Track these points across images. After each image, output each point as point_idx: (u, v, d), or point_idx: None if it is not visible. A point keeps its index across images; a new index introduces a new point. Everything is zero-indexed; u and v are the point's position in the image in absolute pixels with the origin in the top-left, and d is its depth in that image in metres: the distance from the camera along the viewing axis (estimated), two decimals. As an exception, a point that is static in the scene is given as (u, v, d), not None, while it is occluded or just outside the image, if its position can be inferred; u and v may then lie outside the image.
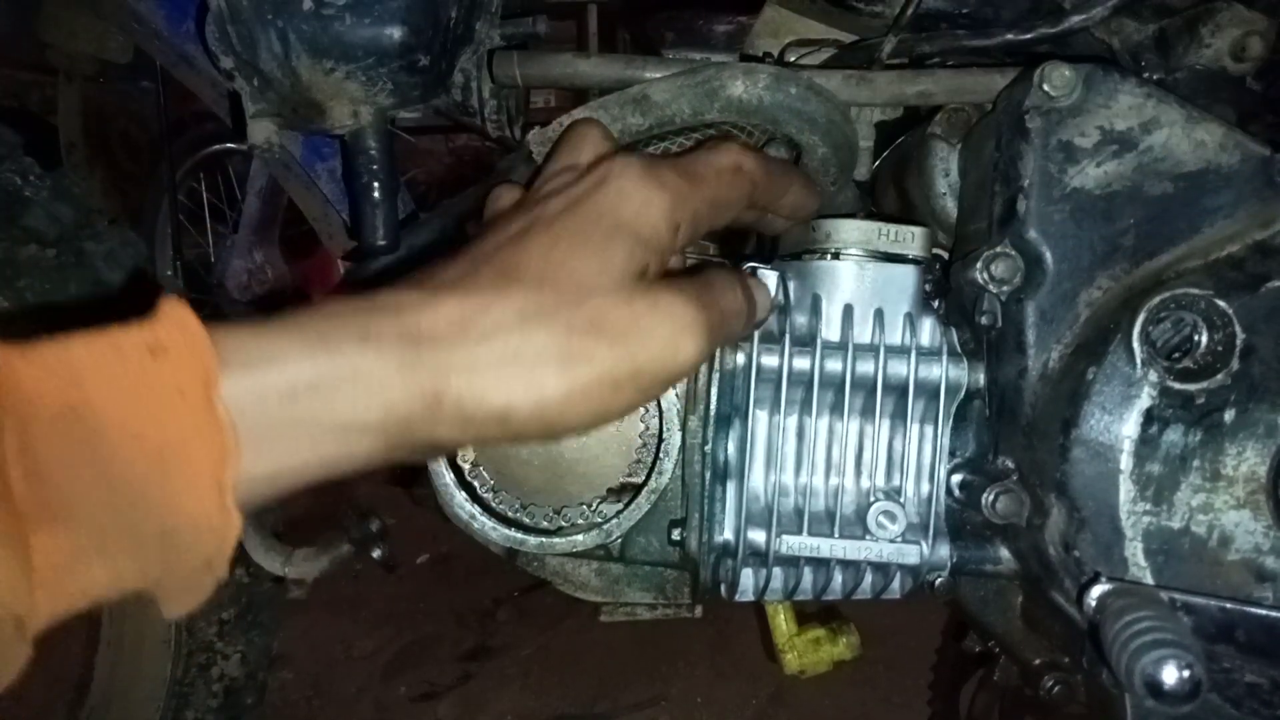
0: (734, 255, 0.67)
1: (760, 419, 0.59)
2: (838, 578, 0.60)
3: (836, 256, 0.58)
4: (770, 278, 0.58)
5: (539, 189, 0.47)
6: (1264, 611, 0.50)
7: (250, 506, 0.35)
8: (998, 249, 0.55)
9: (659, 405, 0.58)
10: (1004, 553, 0.59)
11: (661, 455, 0.58)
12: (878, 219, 0.60)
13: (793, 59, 0.71)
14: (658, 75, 0.62)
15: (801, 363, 0.57)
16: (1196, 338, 0.51)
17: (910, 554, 0.56)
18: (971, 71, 0.62)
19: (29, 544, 0.29)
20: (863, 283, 0.58)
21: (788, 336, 0.57)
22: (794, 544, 0.57)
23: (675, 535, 0.60)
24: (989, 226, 0.58)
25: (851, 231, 0.57)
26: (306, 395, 0.35)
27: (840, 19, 0.71)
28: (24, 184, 0.72)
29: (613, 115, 0.61)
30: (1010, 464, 0.57)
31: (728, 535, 0.59)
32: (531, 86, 0.70)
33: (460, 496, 0.58)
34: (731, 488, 0.59)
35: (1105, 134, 0.55)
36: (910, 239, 0.58)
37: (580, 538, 0.59)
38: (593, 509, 0.59)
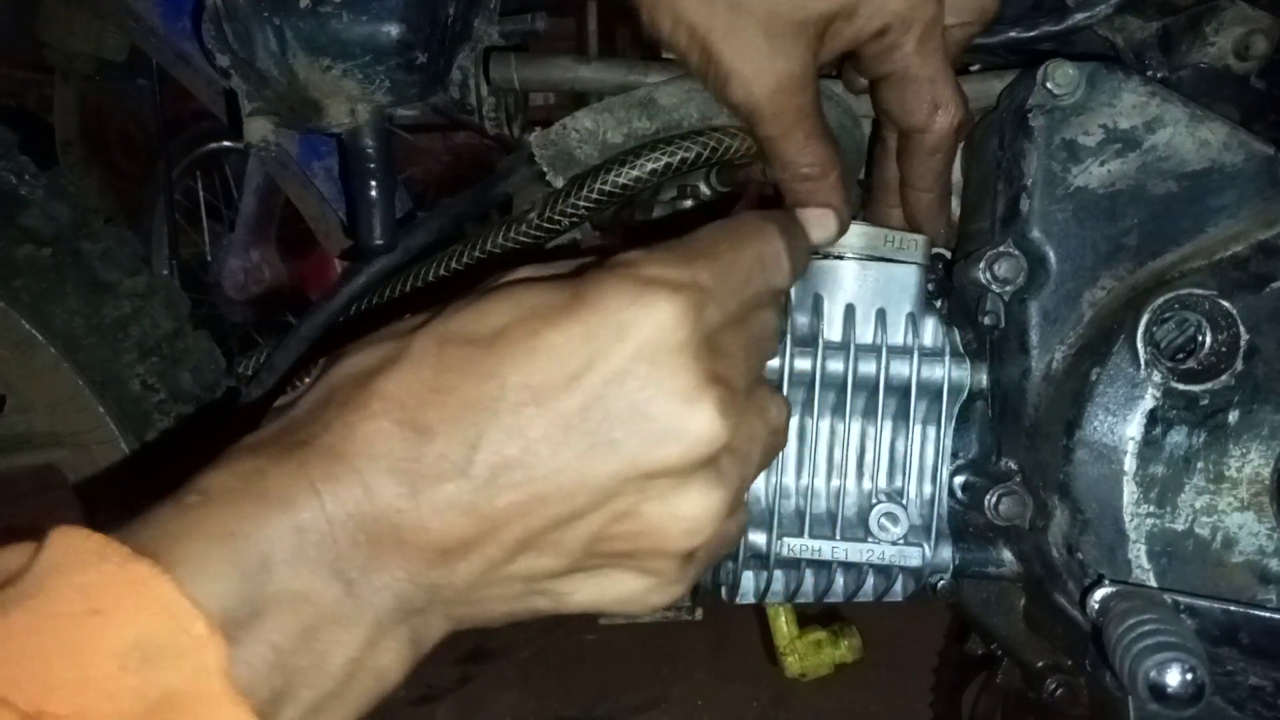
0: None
1: (761, 420, 0.58)
2: (839, 580, 0.59)
3: (840, 257, 0.58)
4: None
5: None
6: (1268, 614, 0.50)
7: None
8: (1001, 248, 0.54)
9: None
10: (1007, 555, 0.59)
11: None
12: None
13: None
14: (661, 79, 0.62)
15: (803, 363, 0.56)
16: (1200, 338, 0.50)
17: (912, 556, 0.56)
18: (970, 78, 0.62)
19: None
20: (865, 283, 0.58)
21: (789, 337, 0.56)
22: (795, 546, 0.56)
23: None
24: (992, 226, 0.57)
25: (858, 236, 0.57)
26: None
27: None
28: (20, 183, 0.72)
29: (618, 119, 0.61)
30: (1013, 465, 0.56)
31: (728, 537, 0.58)
32: (530, 90, 0.70)
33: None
34: (732, 489, 0.59)
35: (1109, 132, 0.54)
36: (914, 246, 0.58)
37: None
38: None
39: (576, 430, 0.35)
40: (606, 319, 0.36)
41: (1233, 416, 0.50)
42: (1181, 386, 0.50)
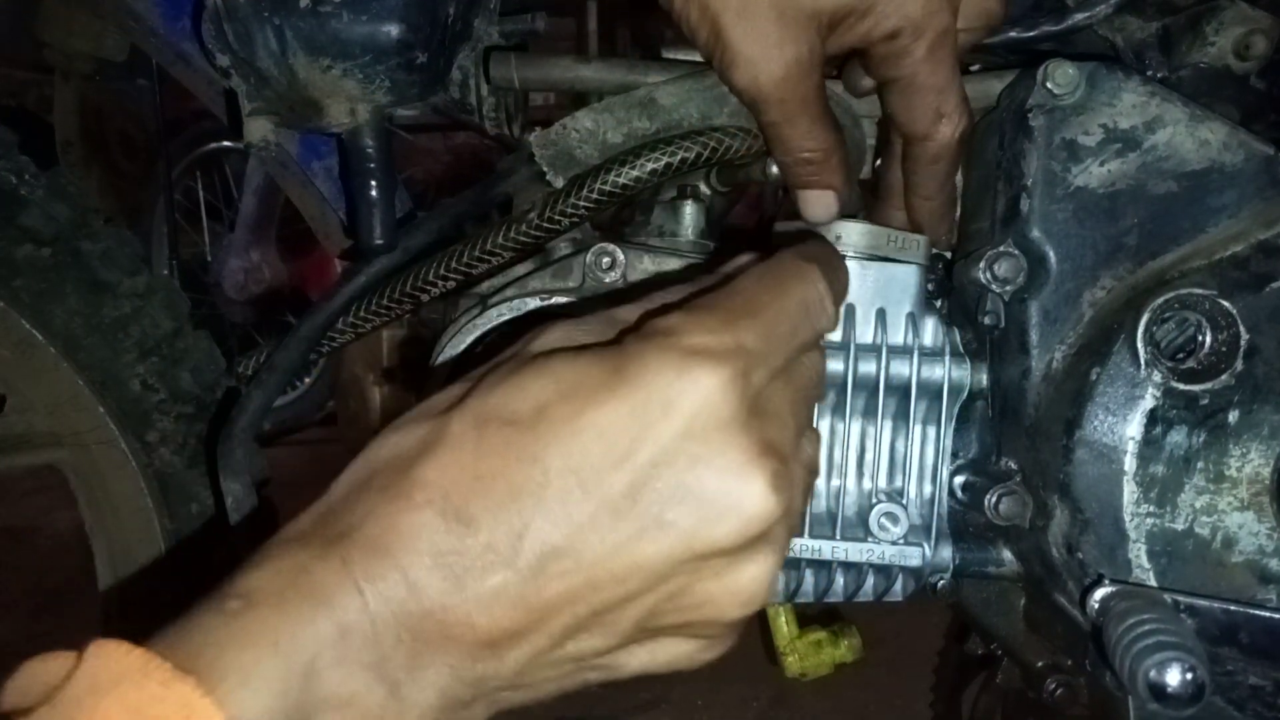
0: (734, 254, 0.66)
1: (761, 420, 0.58)
2: (839, 580, 0.59)
3: (842, 256, 0.58)
4: None
5: None
6: (1267, 614, 0.50)
7: None
8: (1001, 248, 0.54)
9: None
10: (1007, 555, 0.59)
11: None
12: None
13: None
14: (661, 79, 0.62)
15: (802, 363, 0.56)
16: (1200, 338, 0.50)
17: (913, 556, 0.56)
18: (970, 78, 0.62)
19: None
20: (865, 282, 0.58)
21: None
22: (795, 546, 0.56)
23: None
24: (992, 225, 0.57)
25: (862, 236, 0.57)
26: None
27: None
28: (20, 183, 0.72)
29: (618, 119, 0.61)
30: (1013, 465, 0.56)
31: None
32: (530, 90, 0.70)
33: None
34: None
35: (1109, 132, 0.54)
36: (916, 246, 0.58)
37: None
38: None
39: (625, 513, 0.34)
40: (651, 396, 0.34)
41: (1233, 416, 0.50)
42: (1181, 386, 0.50)
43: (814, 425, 0.44)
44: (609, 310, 0.41)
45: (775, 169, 0.60)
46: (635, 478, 0.34)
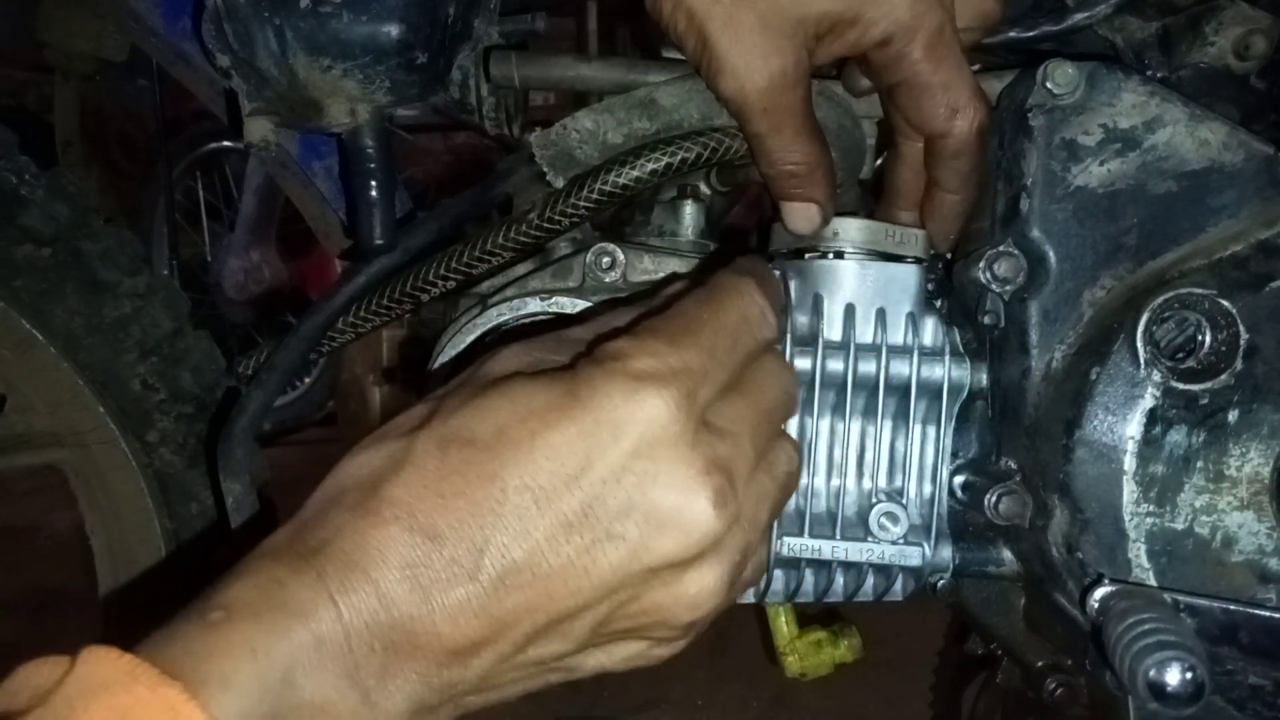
0: (734, 254, 0.67)
1: (761, 419, 0.58)
2: (839, 580, 0.59)
3: (840, 256, 0.58)
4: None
5: None
6: (1267, 613, 0.50)
7: None
8: (1001, 248, 0.55)
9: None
10: (1006, 554, 0.59)
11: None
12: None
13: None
14: (662, 79, 0.62)
15: (803, 363, 0.56)
16: (1200, 337, 0.50)
17: (912, 556, 0.56)
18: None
19: None
20: (865, 282, 0.58)
21: (789, 336, 0.56)
22: (795, 546, 0.56)
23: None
24: (992, 225, 0.57)
25: (860, 231, 0.57)
26: None
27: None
28: (20, 183, 0.72)
29: (618, 119, 0.61)
30: (1013, 465, 0.56)
31: (728, 536, 0.58)
32: (530, 88, 0.70)
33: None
34: (732, 489, 0.58)
35: (1109, 132, 0.54)
36: (914, 241, 0.58)
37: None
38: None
39: (578, 528, 0.37)
40: (601, 418, 0.37)
41: (1232, 416, 0.50)
42: (1181, 386, 0.50)
43: (785, 437, 0.46)
44: (559, 332, 0.45)
45: None
46: (587, 495, 0.37)
